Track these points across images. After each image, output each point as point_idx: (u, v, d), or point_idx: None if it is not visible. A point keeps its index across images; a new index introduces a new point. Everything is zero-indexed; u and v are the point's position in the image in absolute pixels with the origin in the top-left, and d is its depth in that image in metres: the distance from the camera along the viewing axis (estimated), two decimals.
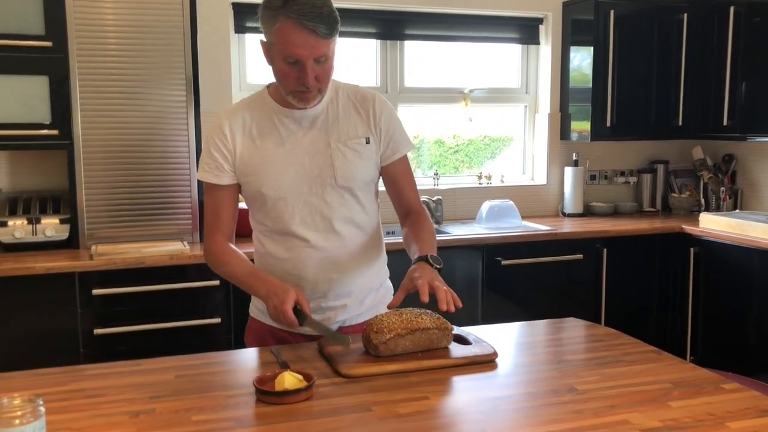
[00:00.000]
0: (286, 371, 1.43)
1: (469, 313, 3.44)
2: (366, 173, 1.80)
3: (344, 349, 1.62)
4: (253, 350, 1.70)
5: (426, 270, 1.63)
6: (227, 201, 1.79)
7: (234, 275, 1.76)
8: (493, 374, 1.53)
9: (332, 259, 1.79)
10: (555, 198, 4.19)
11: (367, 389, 1.44)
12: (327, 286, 1.81)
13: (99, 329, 2.91)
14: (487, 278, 3.45)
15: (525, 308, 3.53)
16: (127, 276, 2.93)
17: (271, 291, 1.62)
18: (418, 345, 1.61)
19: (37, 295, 2.84)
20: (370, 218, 1.85)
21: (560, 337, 1.82)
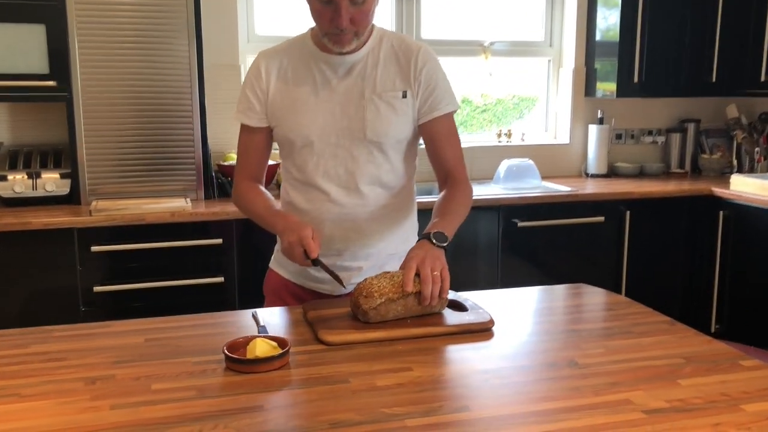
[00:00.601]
0: (258, 337, 1.32)
1: (485, 276, 3.31)
2: (399, 130, 1.67)
3: (329, 314, 1.50)
4: (234, 313, 1.60)
5: (422, 250, 1.50)
6: (257, 143, 1.74)
7: (255, 212, 1.71)
8: (486, 344, 1.40)
9: (352, 217, 1.70)
10: (578, 158, 4.01)
11: (346, 358, 1.32)
12: (343, 245, 1.72)
13: (99, 287, 2.84)
14: (503, 241, 3.31)
15: (542, 272, 3.39)
16: (128, 233, 2.85)
17: (288, 227, 1.57)
18: (409, 311, 1.49)
19: (36, 251, 2.77)
20: (399, 180, 1.73)
21: (566, 305, 1.68)
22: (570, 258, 3.44)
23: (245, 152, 1.76)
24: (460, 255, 3.21)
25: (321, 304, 1.58)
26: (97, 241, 2.82)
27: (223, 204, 3.04)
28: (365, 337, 1.40)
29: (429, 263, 1.46)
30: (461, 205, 1.67)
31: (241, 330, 1.48)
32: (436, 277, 1.45)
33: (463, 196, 1.69)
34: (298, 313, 1.58)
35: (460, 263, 3.22)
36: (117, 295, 2.87)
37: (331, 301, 1.62)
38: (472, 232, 3.25)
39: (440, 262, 1.48)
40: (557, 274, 3.41)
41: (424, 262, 1.46)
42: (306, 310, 1.55)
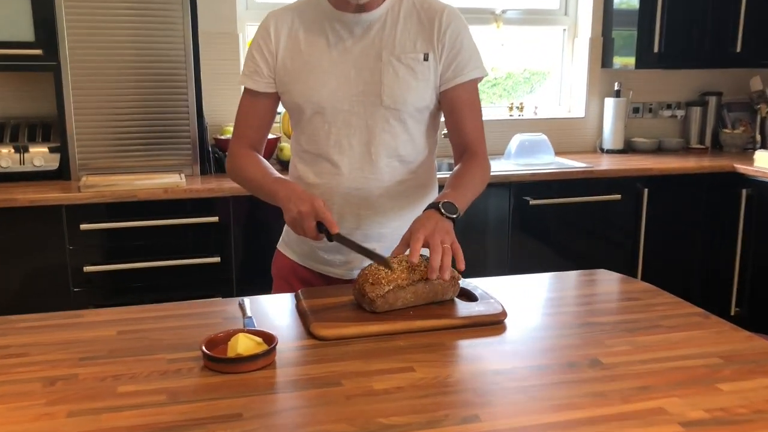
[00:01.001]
0: (241, 332, 1.17)
1: (495, 257, 3.16)
2: (419, 96, 1.52)
3: (324, 304, 1.36)
4: (220, 302, 1.45)
5: (431, 221, 1.35)
6: (260, 109, 1.60)
7: (253, 180, 1.55)
8: (498, 340, 1.25)
9: (364, 192, 1.55)
10: (593, 132, 3.83)
11: (340, 356, 1.18)
12: (354, 223, 1.57)
13: (89, 267, 2.71)
14: (513, 219, 3.16)
15: (555, 253, 3.24)
16: (119, 210, 2.71)
17: (293, 195, 1.39)
18: (420, 297, 1.34)
19: (23, 229, 2.64)
20: (418, 153, 1.58)
21: (586, 294, 1.53)
22: (584, 238, 3.29)
23: (245, 118, 1.60)
24: (467, 234, 3.05)
25: (317, 292, 1.44)
26: (87, 218, 2.69)
27: (219, 180, 2.89)
28: (362, 330, 1.25)
29: (438, 236, 1.31)
30: (477, 179, 1.51)
31: (226, 321, 1.33)
32: (446, 248, 1.30)
33: (480, 170, 1.54)
34: (290, 303, 1.44)
35: (467, 243, 3.05)
36: (108, 276, 2.74)
37: (328, 289, 1.47)
38: (482, 211, 3.10)
39: (450, 235, 1.34)
40: (570, 254, 3.26)
41: (433, 234, 1.31)
42: (299, 299, 1.40)
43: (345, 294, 1.41)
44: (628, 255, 3.34)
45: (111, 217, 2.71)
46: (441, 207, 1.37)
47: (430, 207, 1.39)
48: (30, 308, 2.81)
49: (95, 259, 2.72)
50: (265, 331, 1.20)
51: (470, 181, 1.50)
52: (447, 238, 1.32)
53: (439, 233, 1.32)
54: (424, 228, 1.33)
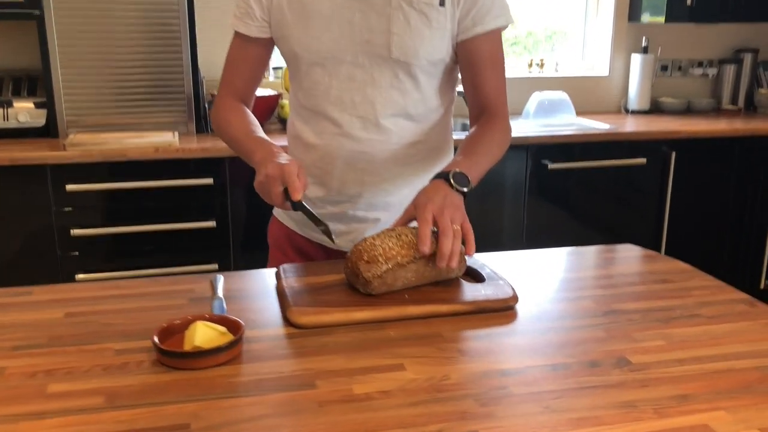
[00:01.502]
0: (200, 320, 0.99)
1: (508, 226, 2.96)
2: (433, 48, 1.31)
3: (309, 283, 1.18)
4: (192, 278, 1.27)
5: (438, 194, 1.16)
6: (252, 56, 1.42)
7: (233, 136, 1.37)
8: (507, 330, 1.06)
9: (369, 156, 1.36)
10: (618, 91, 3.59)
11: (319, 349, 1.00)
12: (356, 190, 1.39)
13: (76, 230, 2.55)
14: (530, 185, 2.95)
15: (574, 221, 3.04)
16: (107, 170, 2.54)
17: (268, 158, 1.21)
18: (422, 277, 1.16)
19: (6, 190, 2.48)
20: (431, 112, 1.38)
21: (610, 274, 1.33)
22: (606, 205, 3.08)
23: (234, 65, 1.42)
24: (478, 201, 2.86)
25: (302, 269, 1.25)
26: (73, 179, 2.51)
27: (215, 139, 2.70)
28: (347, 318, 1.07)
29: (448, 213, 1.12)
30: (495, 146, 1.32)
31: (191, 303, 1.15)
32: (457, 231, 1.12)
33: (499, 134, 1.34)
34: (271, 280, 1.26)
35: (477, 211, 2.87)
36: (97, 240, 2.58)
37: (316, 266, 1.29)
38: (497, 175, 2.89)
39: (460, 212, 1.15)
40: (591, 223, 3.06)
41: (443, 212, 1.12)
42: (279, 278, 1.22)
43: (336, 272, 1.22)
44: (652, 223, 3.13)
45: (99, 178, 2.53)
46: (451, 178, 1.18)
47: (438, 176, 1.20)
48: (15, 274, 2.68)
49: (83, 222, 2.56)
50: (231, 318, 1.02)
51: (487, 147, 1.30)
52: (457, 217, 1.13)
53: (448, 210, 1.13)
54: (432, 203, 1.14)
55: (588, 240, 3.13)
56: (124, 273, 2.59)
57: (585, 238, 3.05)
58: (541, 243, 3.00)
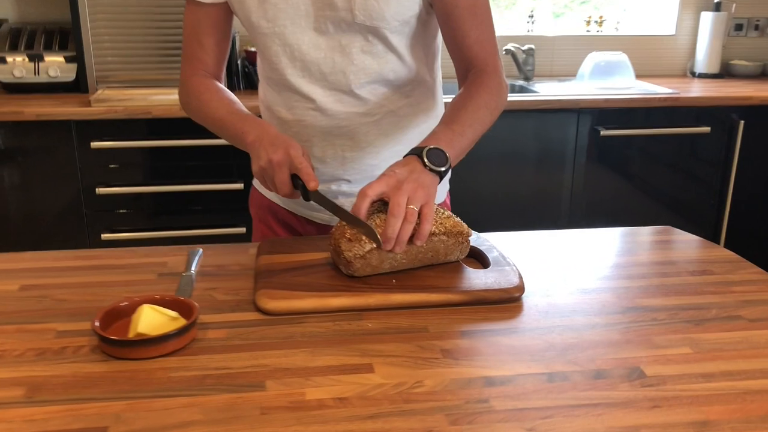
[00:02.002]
0: (148, 302, 0.88)
1: (552, 201, 2.76)
2: (400, 6, 1.13)
3: (288, 262, 1.05)
4: (170, 250, 1.16)
5: (405, 170, 1.00)
6: (209, 24, 1.23)
7: (214, 117, 1.19)
8: (503, 328, 0.91)
9: (348, 130, 1.22)
10: (684, 53, 3.30)
11: (282, 341, 0.87)
12: (339, 169, 1.25)
13: (102, 188, 2.49)
14: (580, 153, 2.74)
15: (628, 194, 2.82)
16: (133, 128, 2.46)
17: (265, 139, 1.06)
18: (414, 259, 1.02)
19: (32, 147, 2.43)
20: (411, 71, 1.21)
21: (645, 261, 1.15)
22: (663, 178, 2.84)
23: (194, 36, 1.23)
24: (516, 170, 2.67)
25: (283, 245, 1.13)
26: (98, 136, 2.44)
27: (248, 96, 2.58)
28: (322, 304, 0.94)
29: (408, 190, 0.97)
30: (482, 110, 1.13)
31: (160, 279, 1.05)
32: (411, 212, 0.95)
33: (487, 94, 1.14)
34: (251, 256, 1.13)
35: (516, 182, 2.69)
36: (122, 199, 2.52)
37: (299, 242, 1.16)
38: (542, 140, 2.69)
39: (424, 192, 0.98)
40: (646, 196, 2.83)
41: (400, 187, 0.97)
42: (259, 253, 1.10)
43: (321, 249, 1.09)
44: (713, 199, 2.88)
45: (124, 135, 2.46)
46: (425, 155, 1.01)
47: (412, 152, 1.04)
48: (42, 233, 2.66)
49: (108, 180, 2.50)
50: (185, 301, 0.90)
51: (473, 113, 1.11)
52: (418, 196, 0.97)
53: (409, 186, 0.97)
54: (390, 176, 0.98)
55: (641, 215, 2.92)
56: (149, 234, 2.54)
57: (638, 213, 2.84)
58: (588, 217, 2.80)
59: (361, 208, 0.96)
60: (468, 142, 1.08)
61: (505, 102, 1.17)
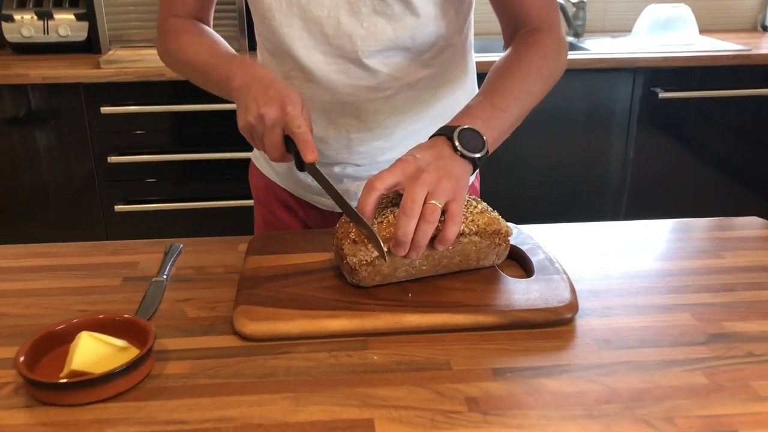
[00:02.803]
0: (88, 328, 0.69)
1: (603, 173, 2.51)
2: None
3: (279, 267, 0.85)
4: (146, 246, 0.97)
5: (428, 153, 0.78)
6: None
7: (195, 62, 0.96)
8: (552, 366, 0.70)
9: (354, 107, 0.99)
10: (754, 4, 2.97)
11: (258, 381, 0.67)
12: (343, 152, 1.03)
13: (113, 157, 2.32)
14: (636, 118, 2.47)
15: (689, 163, 2.55)
16: (144, 91, 2.27)
17: (254, 85, 0.83)
18: (438, 265, 0.81)
19: (42, 111, 2.27)
20: (435, 37, 0.97)
21: (726, 267, 0.92)
22: (729, 146, 2.56)
23: None
24: (563, 135, 2.41)
25: (275, 242, 0.92)
26: (109, 100, 2.27)
27: None
28: (315, 327, 0.73)
29: (428, 181, 0.75)
30: (531, 77, 0.89)
31: (127, 284, 0.85)
32: (431, 209, 0.73)
33: (540, 57, 0.91)
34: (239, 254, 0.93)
35: (562, 149, 2.44)
36: (136, 168, 2.35)
37: (292, 238, 0.95)
38: (593, 104, 2.42)
39: (452, 185, 0.76)
40: (709, 166, 2.56)
41: (419, 177, 0.75)
42: (248, 252, 0.89)
43: (323, 248, 0.89)
44: None
45: (136, 100, 2.28)
46: (456, 137, 0.79)
47: (440, 132, 0.82)
48: (52, 204, 2.51)
49: (120, 148, 2.33)
50: (140, 323, 0.71)
51: (520, 81, 0.88)
52: (444, 189, 0.75)
53: (430, 176, 0.75)
54: (409, 162, 0.76)
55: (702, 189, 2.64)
56: (166, 205, 2.37)
57: (699, 186, 2.57)
58: (642, 191, 2.54)
59: (367, 204, 0.75)
60: (512, 121, 0.86)
61: (562, 68, 0.94)
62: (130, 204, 2.38)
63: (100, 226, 2.38)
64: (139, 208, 2.37)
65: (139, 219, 2.38)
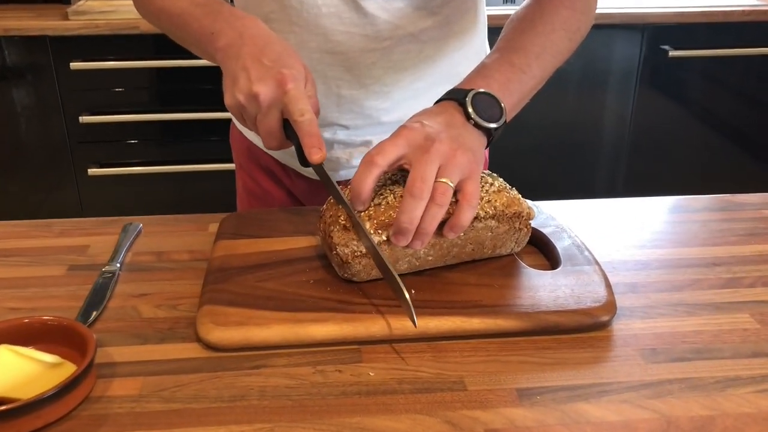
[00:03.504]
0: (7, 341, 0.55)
1: (609, 136, 2.37)
2: None
3: (252, 254, 0.71)
4: (103, 223, 0.83)
5: (438, 122, 0.64)
6: None
7: (171, 11, 0.79)
8: (589, 385, 0.57)
9: (345, 58, 0.84)
10: None
11: (224, 407, 0.54)
12: (332, 110, 0.88)
13: (86, 116, 2.16)
14: (644, 78, 2.33)
15: (698, 126, 2.42)
16: (117, 46, 2.10)
17: (247, 48, 0.68)
18: (447, 255, 0.67)
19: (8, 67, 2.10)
20: None
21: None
22: (741, 106, 2.43)
23: None
24: (566, 95, 2.27)
25: (252, 222, 0.78)
26: (78, 55, 2.10)
27: None
28: (296, 335, 0.59)
29: (440, 154, 0.61)
30: (556, 32, 0.75)
31: (72, 274, 0.71)
32: (442, 189, 0.60)
33: (566, 9, 0.76)
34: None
35: (564, 110, 2.29)
36: (110, 128, 2.19)
37: (271, 217, 0.81)
38: (598, 62, 2.28)
39: (467, 159, 0.62)
40: (720, 129, 2.43)
41: (429, 150, 0.61)
42: (219, 236, 0.75)
43: (311, 231, 0.75)
44: None
45: (109, 54, 2.11)
46: (469, 102, 0.65)
47: (449, 96, 0.67)
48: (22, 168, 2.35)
49: (92, 107, 2.16)
50: (79, 330, 0.57)
51: (544, 35, 0.74)
52: (456, 164, 0.61)
53: (442, 147, 0.61)
54: (415, 130, 0.62)
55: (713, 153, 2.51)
56: (142, 169, 2.22)
57: (711, 150, 2.44)
58: (647, 155, 2.41)
59: (365, 184, 0.61)
60: (534, 84, 0.72)
61: (591, 22, 0.80)
62: (104, 167, 2.22)
63: (74, 191, 2.23)
64: (114, 171, 2.22)
65: (114, 184, 2.24)
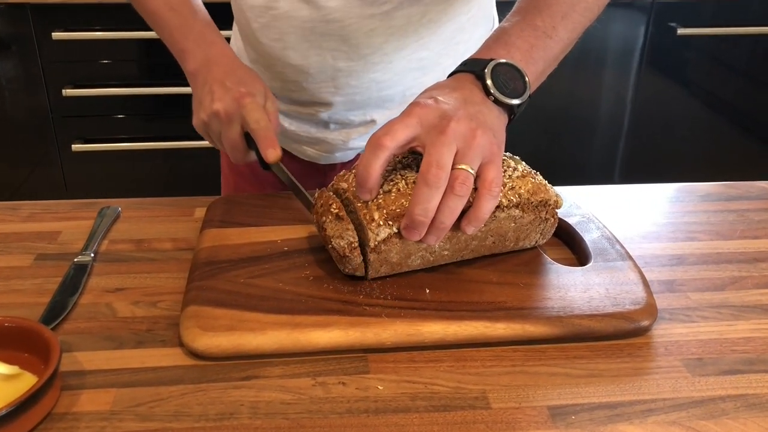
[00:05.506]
0: None
1: (610, 115, 2.30)
2: None
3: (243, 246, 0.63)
4: (68, 207, 0.74)
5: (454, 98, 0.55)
6: None
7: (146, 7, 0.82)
8: (629, 402, 0.49)
9: (342, 26, 0.78)
10: None
11: (208, 427, 0.46)
12: (327, 85, 0.81)
13: (69, 89, 2.06)
14: (650, 56, 2.25)
15: (705, 108, 2.35)
16: (103, 15, 2.01)
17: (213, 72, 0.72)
18: (464, 249, 0.60)
19: None
20: None
21: None
22: (753, 89, 2.35)
23: None
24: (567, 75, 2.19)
25: (250, 208, 0.70)
26: (61, 24, 2.00)
27: None
28: (294, 342, 0.52)
29: (458, 135, 0.53)
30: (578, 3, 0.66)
31: (39, 264, 0.64)
32: (462, 177, 0.52)
33: None
34: None
35: (565, 90, 2.22)
36: (95, 102, 2.10)
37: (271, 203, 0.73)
38: (602, 40, 2.20)
39: (488, 140, 0.54)
40: (729, 111, 2.36)
41: (445, 130, 0.53)
42: (206, 224, 0.67)
43: (304, 217, 0.67)
44: None
45: (93, 24, 2.01)
46: (488, 74, 0.57)
47: (465, 67, 0.59)
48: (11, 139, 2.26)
49: (75, 80, 2.07)
50: (42, 331, 0.49)
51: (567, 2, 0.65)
52: (477, 146, 0.53)
53: (460, 127, 0.53)
54: (429, 107, 0.54)
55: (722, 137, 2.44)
56: (127, 145, 2.13)
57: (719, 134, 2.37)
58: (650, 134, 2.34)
59: (372, 169, 0.53)
60: (560, 48, 0.64)
61: None
62: (89, 143, 2.13)
63: (57, 168, 2.15)
64: (99, 147, 2.13)
65: (99, 160, 2.15)
